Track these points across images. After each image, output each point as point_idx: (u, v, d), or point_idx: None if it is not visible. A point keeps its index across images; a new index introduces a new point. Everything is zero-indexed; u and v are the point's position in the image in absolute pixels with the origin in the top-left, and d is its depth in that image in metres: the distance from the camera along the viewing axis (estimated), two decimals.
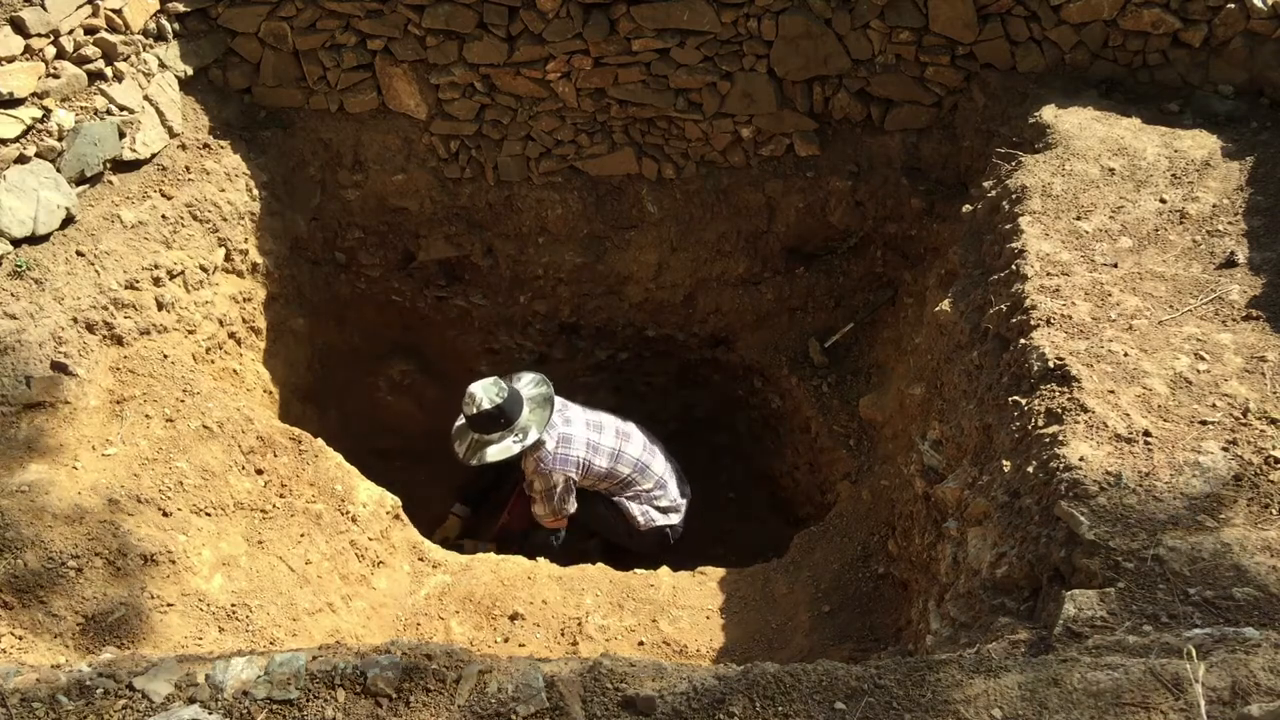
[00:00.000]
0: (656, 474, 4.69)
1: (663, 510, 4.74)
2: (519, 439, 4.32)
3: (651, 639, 3.94)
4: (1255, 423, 2.75)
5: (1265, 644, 1.98)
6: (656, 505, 4.71)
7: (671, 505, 4.75)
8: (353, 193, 5.17)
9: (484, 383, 4.37)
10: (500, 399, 4.28)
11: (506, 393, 4.31)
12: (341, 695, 1.98)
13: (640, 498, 4.69)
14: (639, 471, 4.63)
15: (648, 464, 4.66)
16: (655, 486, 4.69)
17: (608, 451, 4.54)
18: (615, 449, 4.56)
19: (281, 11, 4.70)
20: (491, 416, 4.30)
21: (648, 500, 4.69)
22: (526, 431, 4.34)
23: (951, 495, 3.26)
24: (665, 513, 4.75)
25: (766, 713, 1.93)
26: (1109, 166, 3.89)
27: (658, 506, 4.71)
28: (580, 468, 4.46)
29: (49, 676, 2.04)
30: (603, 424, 4.60)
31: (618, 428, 4.65)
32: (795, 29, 4.52)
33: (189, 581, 3.45)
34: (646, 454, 4.68)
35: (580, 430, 4.49)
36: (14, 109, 3.82)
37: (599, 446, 4.52)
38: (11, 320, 3.61)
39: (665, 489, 4.74)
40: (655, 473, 4.69)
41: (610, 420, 4.67)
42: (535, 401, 4.41)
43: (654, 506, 4.71)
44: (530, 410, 4.38)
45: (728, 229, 5.13)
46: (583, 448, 4.46)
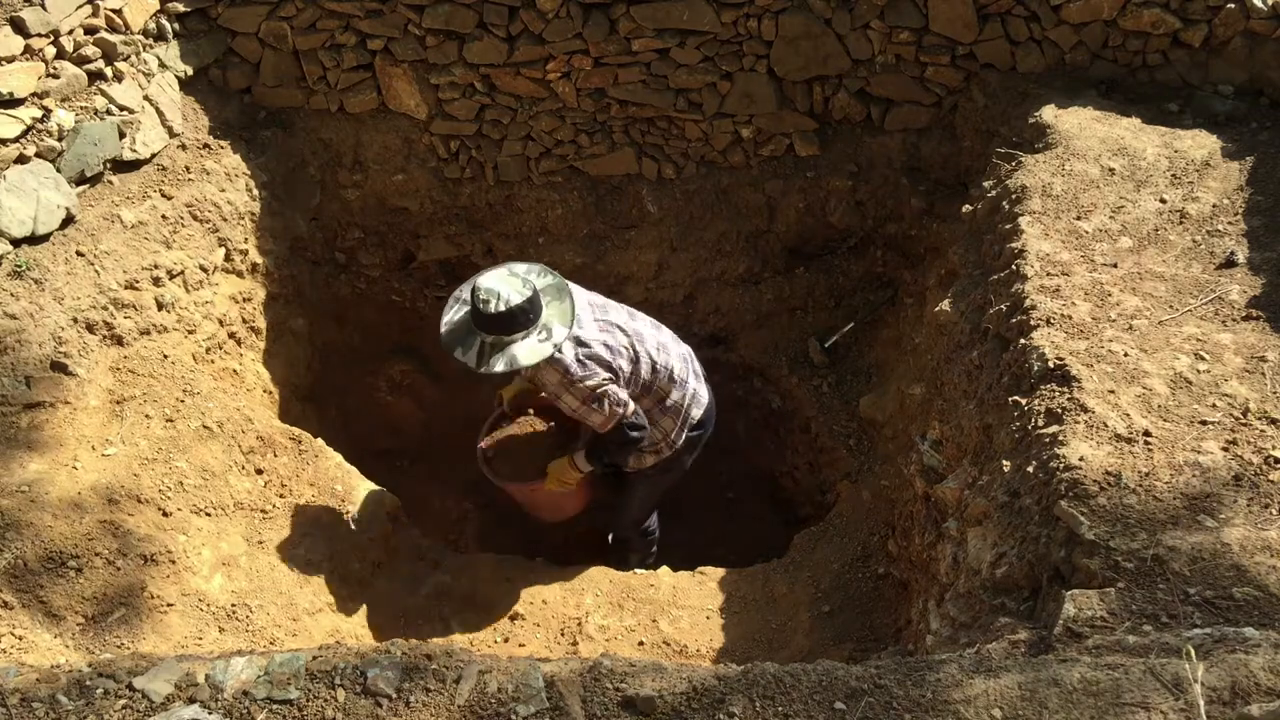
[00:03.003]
0: (675, 368, 3.89)
1: (678, 419, 3.96)
2: (546, 337, 3.48)
3: (651, 639, 3.94)
4: (1255, 423, 2.75)
5: (1265, 644, 1.98)
6: (672, 414, 3.93)
7: (685, 404, 3.95)
8: (353, 193, 5.17)
9: (499, 274, 3.52)
10: (527, 293, 3.44)
11: (531, 286, 3.49)
12: (341, 695, 1.98)
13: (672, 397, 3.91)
14: (654, 372, 3.81)
15: (664, 363, 3.84)
16: (672, 383, 3.88)
17: (625, 353, 3.70)
18: (630, 348, 3.73)
19: (281, 11, 4.70)
20: (516, 315, 3.44)
21: (680, 394, 3.91)
22: (551, 329, 3.51)
23: (951, 495, 3.27)
24: (681, 419, 3.97)
25: (766, 713, 1.93)
26: (1109, 166, 3.89)
27: (674, 412, 3.93)
28: (611, 363, 3.63)
29: (49, 676, 2.04)
30: (612, 322, 3.73)
31: (629, 324, 3.79)
32: (795, 29, 4.52)
33: (189, 581, 3.46)
34: (660, 352, 3.85)
35: (593, 332, 3.64)
36: (14, 109, 3.82)
37: (614, 348, 3.67)
38: (11, 320, 3.61)
39: (685, 384, 3.94)
40: (674, 366, 3.88)
41: (620, 316, 3.80)
42: (550, 296, 3.57)
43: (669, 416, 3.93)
44: (549, 302, 3.55)
45: (728, 229, 5.14)
46: (602, 348, 3.62)
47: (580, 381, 3.54)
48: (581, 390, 3.55)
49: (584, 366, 3.54)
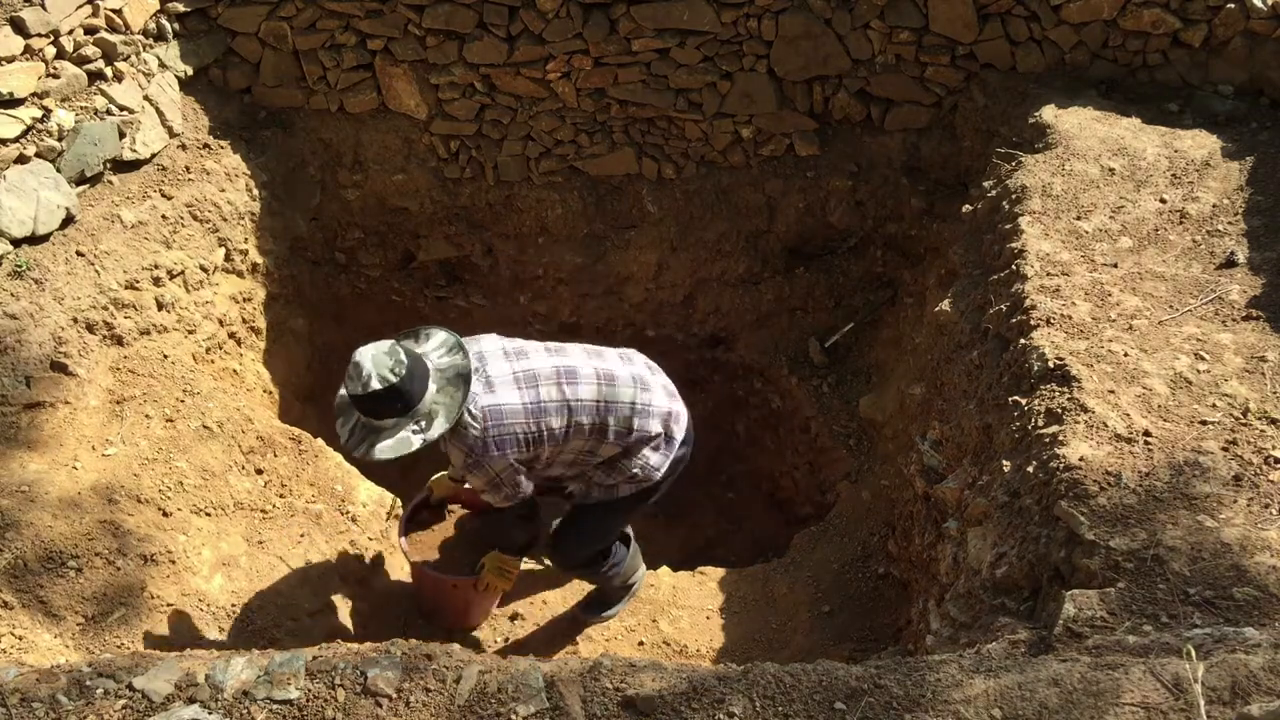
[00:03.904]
0: (627, 399, 3.34)
1: (656, 444, 3.45)
2: (420, 429, 3.06)
3: (651, 639, 3.94)
4: (1255, 423, 2.75)
5: (1265, 644, 1.98)
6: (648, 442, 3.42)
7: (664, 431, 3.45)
8: (353, 193, 5.17)
9: (376, 350, 3.04)
10: (397, 375, 2.99)
11: (406, 367, 3.01)
12: (341, 695, 1.98)
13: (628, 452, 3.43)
14: (605, 411, 3.31)
15: (610, 396, 3.32)
16: (634, 413, 3.35)
17: (555, 407, 3.23)
18: (562, 400, 3.24)
19: (281, 11, 4.70)
20: (382, 399, 3.00)
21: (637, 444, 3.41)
22: (432, 419, 3.08)
23: (951, 495, 3.27)
24: (663, 443, 3.47)
25: (766, 713, 1.93)
26: (1109, 166, 3.89)
27: (650, 441, 3.42)
28: (526, 442, 3.21)
29: (49, 676, 2.04)
30: (536, 373, 3.24)
31: (556, 368, 3.27)
32: (795, 29, 4.52)
33: (189, 581, 3.46)
34: (604, 385, 3.32)
35: (511, 395, 3.17)
36: (14, 109, 3.82)
37: (542, 405, 3.21)
38: (11, 320, 3.61)
39: (649, 409, 3.38)
40: (625, 398, 3.33)
41: (543, 361, 3.29)
42: (446, 376, 3.12)
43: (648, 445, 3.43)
44: (439, 389, 3.09)
45: (728, 229, 5.13)
46: (523, 416, 3.18)
47: (485, 463, 3.18)
48: (487, 472, 3.22)
49: (490, 446, 3.15)
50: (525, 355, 3.27)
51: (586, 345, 3.48)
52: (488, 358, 3.21)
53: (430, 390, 3.07)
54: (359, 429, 3.10)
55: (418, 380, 3.04)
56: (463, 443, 3.13)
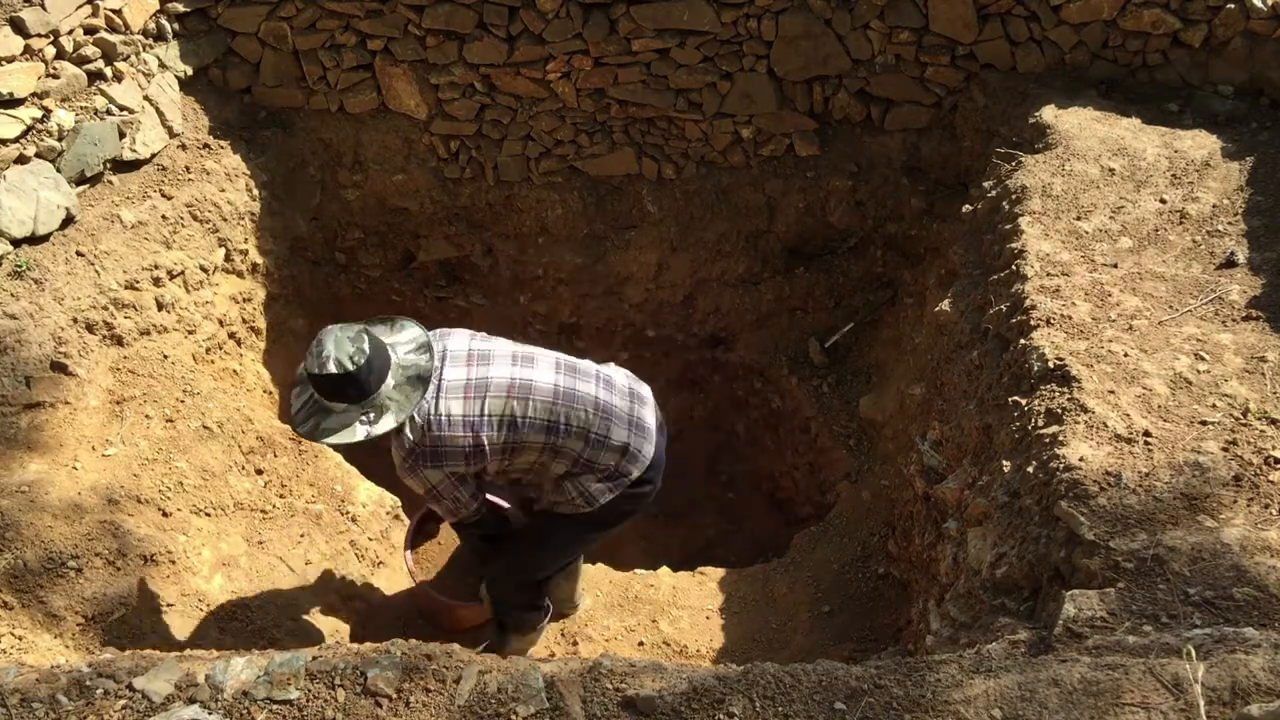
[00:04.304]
0: (580, 423, 3.15)
1: (605, 475, 3.23)
2: (368, 421, 3.00)
3: (651, 639, 3.94)
4: (1255, 423, 2.75)
5: (1265, 644, 1.98)
6: (596, 471, 3.22)
7: (615, 467, 3.22)
8: (353, 193, 5.17)
9: (342, 333, 2.98)
10: (354, 364, 2.92)
11: (367, 355, 2.94)
12: (341, 695, 1.98)
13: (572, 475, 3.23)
14: (556, 432, 3.13)
15: (565, 418, 3.13)
16: (587, 443, 3.16)
17: (497, 420, 3.08)
18: (509, 415, 3.08)
19: (281, 11, 4.70)
20: (335, 383, 2.94)
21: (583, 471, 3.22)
22: (381, 413, 3.01)
23: (951, 495, 3.27)
24: (611, 478, 3.24)
25: (766, 713, 1.93)
26: (1109, 166, 3.89)
27: (598, 471, 3.22)
28: (464, 456, 3.09)
29: (49, 676, 2.04)
30: (488, 383, 3.09)
31: (512, 380, 3.11)
32: (795, 29, 4.52)
33: (189, 581, 3.46)
34: (562, 405, 3.13)
35: (455, 405, 3.05)
36: (14, 109, 3.82)
37: (486, 419, 3.08)
38: (11, 320, 3.61)
39: (604, 441, 3.17)
40: (578, 423, 3.15)
41: (501, 372, 3.12)
42: (407, 374, 3.04)
43: (593, 475, 3.23)
44: (396, 384, 3.01)
45: (728, 229, 5.14)
46: (463, 429, 3.05)
47: (420, 471, 3.08)
48: (423, 481, 3.12)
49: (426, 456, 3.05)
50: (487, 361, 3.14)
51: (567, 358, 3.28)
52: (448, 359, 3.11)
53: (388, 384, 3.01)
54: (310, 405, 3.05)
55: (376, 371, 2.98)
56: (401, 448, 3.06)
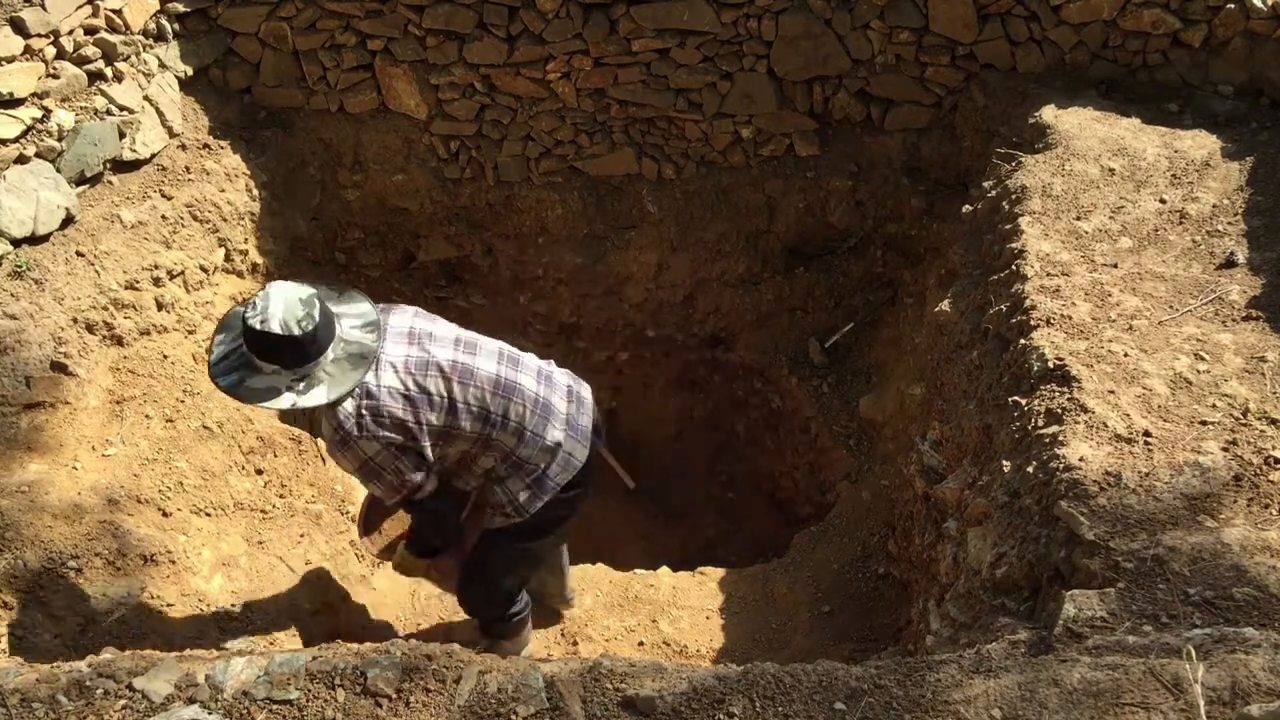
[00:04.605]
0: (516, 417, 3.04)
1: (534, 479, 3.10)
2: (298, 391, 2.80)
3: (651, 639, 3.94)
4: (1255, 423, 2.75)
5: (1265, 644, 1.98)
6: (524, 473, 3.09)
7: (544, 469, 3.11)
8: (353, 193, 5.17)
9: (293, 293, 2.80)
10: (304, 329, 2.75)
11: (316, 323, 2.77)
12: (341, 695, 1.98)
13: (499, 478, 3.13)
14: (490, 423, 3.02)
15: (501, 410, 3.02)
16: (520, 440, 3.05)
17: (436, 401, 2.96)
18: (447, 398, 2.97)
19: (281, 11, 4.70)
20: (272, 343, 2.75)
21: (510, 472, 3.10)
22: (313, 385, 2.81)
23: (951, 495, 3.27)
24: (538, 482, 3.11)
25: (766, 713, 1.93)
26: (1109, 166, 3.89)
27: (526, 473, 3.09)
28: (401, 429, 2.92)
29: (49, 676, 2.04)
30: (428, 362, 2.98)
31: (453, 362, 3.00)
32: (795, 29, 4.52)
33: (189, 581, 3.46)
34: (500, 395, 3.03)
35: (391, 378, 2.91)
36: (14, 109, 3.82)
37: (424, 397, 2.94)
38: (11, 320, 3.61)
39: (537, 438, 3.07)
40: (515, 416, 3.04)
41: (443, 353, 3.01)
42: (349, 350, 2.87)
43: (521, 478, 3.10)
44: (335, 359, 2.84)
45: (728, 229, 5.14)
46: (402, 404, 2.90)
47: (354, 443, 2.87)
48: (355, 454, 2.89)
49: (361, 426, 2.85)
50: (430, 340, 3.02)
51: (510, 349, 3.17)
52: (390, 335, 2.98)
53: (327, 357, 2.83)
54: (236, 357, 2.83)
55: (319, 341, 2.80)
56: (334, 418, 2.86)
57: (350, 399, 2.85)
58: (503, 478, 3.11)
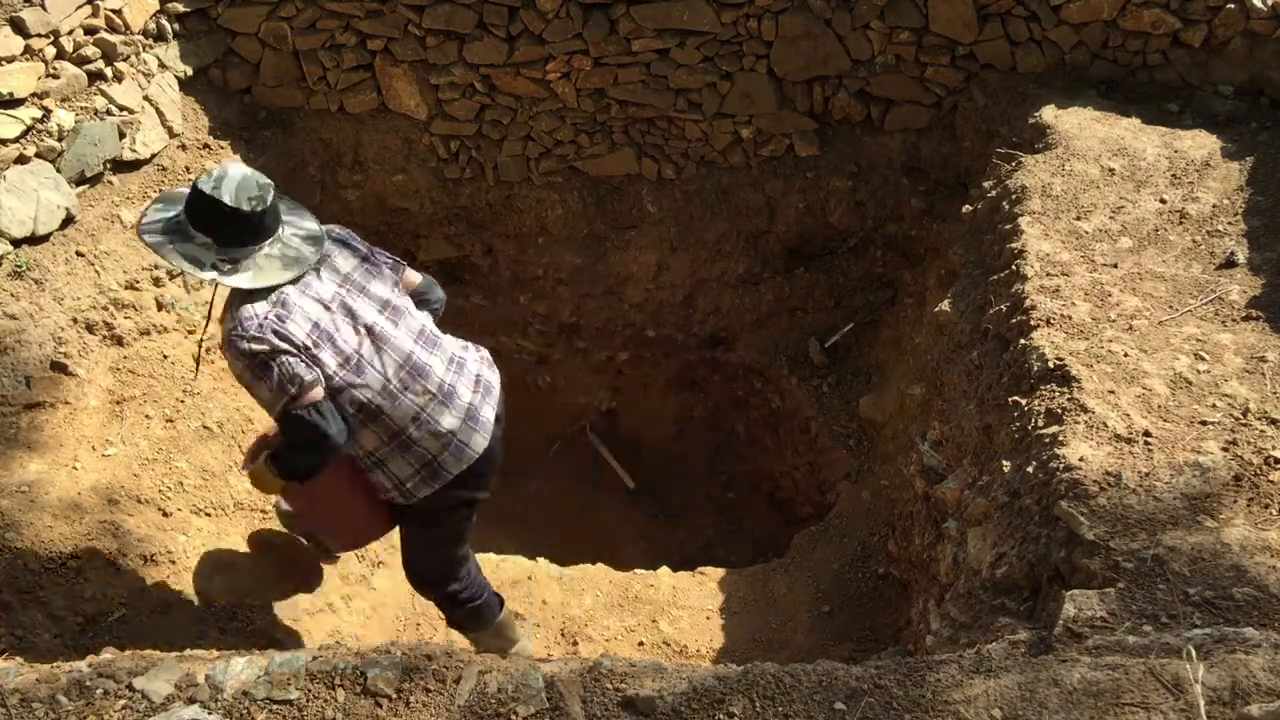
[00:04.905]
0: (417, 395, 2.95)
1: (422, 464, 3.00)
2: (222, 271, 2.72)
3: (651, 639, 3.94)
4: (1255, 423, 2.75)
5: (1265, 644, 1.98)
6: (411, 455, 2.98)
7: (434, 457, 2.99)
8: (353, 193, 5.17)
9: (252, 176, 2.78)
10: (252, 208, 2.72)
11: (265, 207, 2.74)
12: (341, 695, 1.98)
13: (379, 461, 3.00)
14: (387, 395, 2.91)
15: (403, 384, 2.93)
16: (413, 423, 2.95)
17: (344, 353, 2.84)
18: (356, 354, 2.86)
19: (281, 11, 4.70)
20: (218, 214, 2.70)
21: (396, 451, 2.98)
22: (238, 270, 2.73)
23: (951, 495, 3.27)
24: (427, 466, 3.00)
25: (766, 713, 1.93)
26: (1109, 167, 3.89)
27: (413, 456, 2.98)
28: (302, 350, 2.75)
29: (49, 676, 2.04)
30: (354, 310, 2.88)
31: (372, 325, 2.91)
32: (795, 29, 4.52)
33: (189, 581, 3.46)
34: (404, 371, 2.94)
35: (316, 311, 2.81)
36: (14, 109, 3.82)
37: (335, 341, 2.83)
38: (11, 320, 3.61)
39: (432, 424, 2.97)
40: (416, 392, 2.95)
41: (366, 311, 2.92)
42: (285, 252, 2.80)
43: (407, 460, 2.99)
44: (268, 254, 2.77)
45: (728, 229, 5.14)
46: (312, 332, 2.77)
47: (250, 340, 2.69)
48: (248, 350, 2.70)
49: (263, 328, 2.70)
50: (361, 294, 2.93)
51: (432, 328, 3.10)
52: (327, 269, 2.89)
53: (261, 250, 2.77)
54: (171, 223, 2.77)
55: (260, 230, 2.76)
56: (238, 313, 2.73)
57: (265, 301, 2.74)
58: (383, 460, 2.99)
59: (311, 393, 2.74)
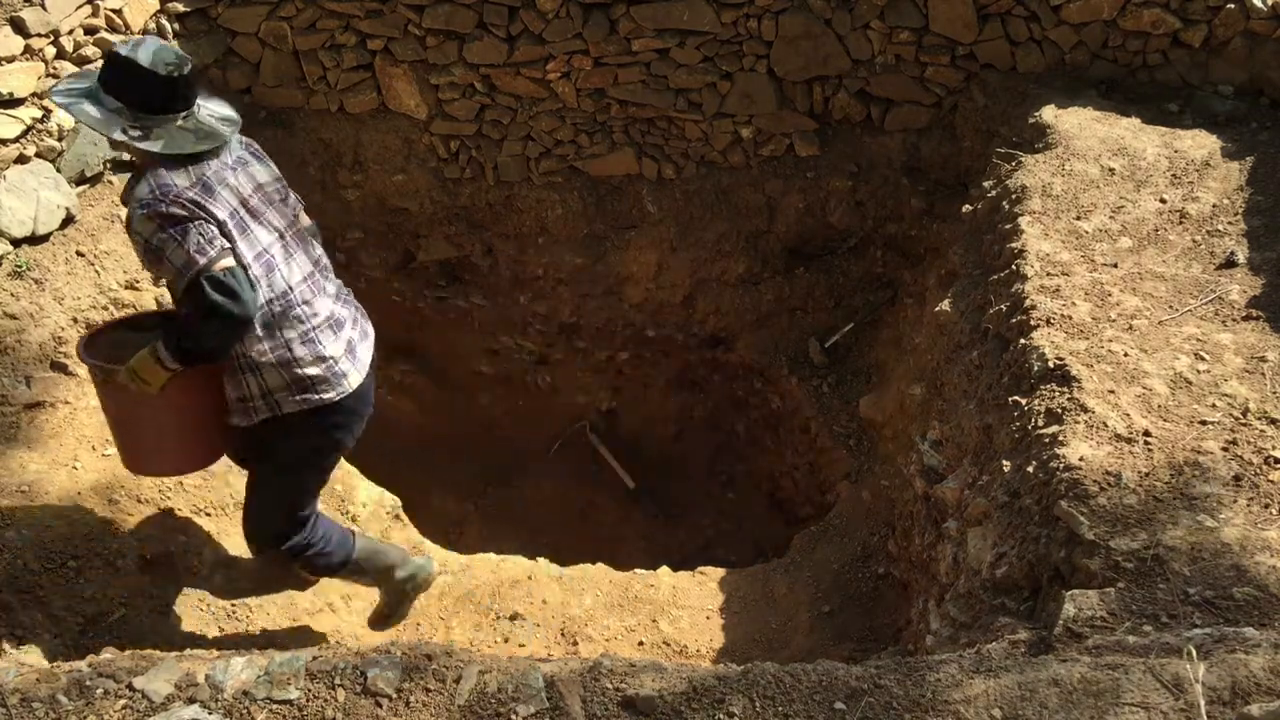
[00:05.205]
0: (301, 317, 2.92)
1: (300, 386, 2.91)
2: (131, 136, 2.64)
3: (651, 639, 3.94)
4: (1255, 423, 2.75)
5: (1265, 644, 1.98)
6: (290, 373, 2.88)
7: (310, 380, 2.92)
8: (353, 193, 5.17)
9: (168, 44, 2.74)
10: (168, 72, 2.65)
11: (182, 75, 2.68)
12: (341, 695, 1.98)
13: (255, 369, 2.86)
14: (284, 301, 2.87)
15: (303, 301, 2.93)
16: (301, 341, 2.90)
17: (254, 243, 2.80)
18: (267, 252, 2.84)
19: (281, 11, 4.70)
20: (132, 74, 2.64)
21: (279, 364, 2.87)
22: (149, 136, 2.65)
23: (951, 495, 3.27)
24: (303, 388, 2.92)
25: (766, 713, 1.93)
26: (1109, 166, 3.89)
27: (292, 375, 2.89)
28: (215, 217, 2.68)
29: (49, 676, 2.04)
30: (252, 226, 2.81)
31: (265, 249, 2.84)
32: (795, 29, 4.52)
33: (189, 581, 3.46)
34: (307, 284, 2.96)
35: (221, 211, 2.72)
36: (14, 109, 3.82)
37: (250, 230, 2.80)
38: (11, 320, 3.61)
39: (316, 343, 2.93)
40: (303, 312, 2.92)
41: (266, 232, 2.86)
42: (200, 127, 2.73)
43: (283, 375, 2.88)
44: (180, 127, 2.70)
45: (728, 229, 5.14)
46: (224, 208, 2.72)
47: (170, 203, 2.60)
48: (166, 212, 2.60)
49: (179, 201, 2.61)
50: (267, 205, 2.89)
51: (327, 262, 3.12)
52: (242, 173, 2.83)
53: (174, 120, 2.70)
54: (85, 89, 2.71)
55: (173, 97, 2.69)
56: (155, 181, 2.64)
57: (184, 176, 2.67)
58: (259, 366, 2.87)
59: (227, 259, 2.66)
